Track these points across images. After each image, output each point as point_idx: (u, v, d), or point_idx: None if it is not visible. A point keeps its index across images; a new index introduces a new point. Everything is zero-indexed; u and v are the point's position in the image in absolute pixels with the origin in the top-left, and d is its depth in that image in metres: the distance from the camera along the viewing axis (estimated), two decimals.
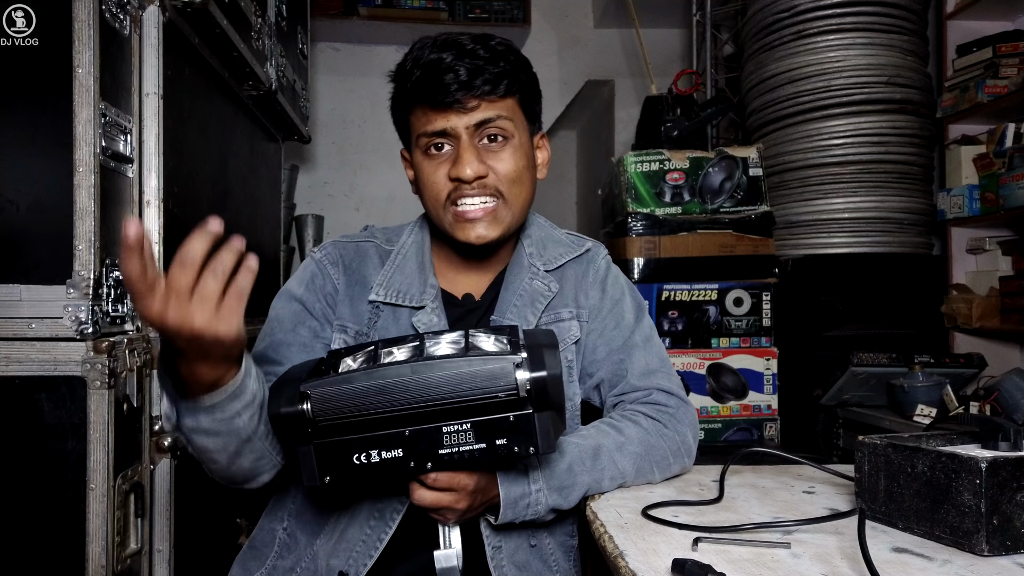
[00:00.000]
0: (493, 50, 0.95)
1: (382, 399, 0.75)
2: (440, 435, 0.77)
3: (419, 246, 1.08)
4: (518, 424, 0.76)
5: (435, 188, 0.98)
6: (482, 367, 0.75)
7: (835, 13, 2.48)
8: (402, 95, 0.99)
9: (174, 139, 1.46)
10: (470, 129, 0.95)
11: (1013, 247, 2.47)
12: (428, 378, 0.75)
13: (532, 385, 0.75)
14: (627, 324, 1.09)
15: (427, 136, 0.96)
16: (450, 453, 0.77)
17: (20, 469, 1.15)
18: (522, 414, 0.76)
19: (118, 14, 1.26)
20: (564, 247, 1.11)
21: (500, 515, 0.88)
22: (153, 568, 1.35)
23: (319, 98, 3.85)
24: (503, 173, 0.97)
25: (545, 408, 0.76)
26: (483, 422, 0.76)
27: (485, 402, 0.75)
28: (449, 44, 0.93)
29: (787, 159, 2.56)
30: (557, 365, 0.76)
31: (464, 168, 0.94)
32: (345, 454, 0.76)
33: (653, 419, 1.01)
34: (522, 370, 0.75)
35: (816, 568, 0.68)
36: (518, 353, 0.76)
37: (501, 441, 0.77)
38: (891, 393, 2.16)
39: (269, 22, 2.11)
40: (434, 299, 1.02)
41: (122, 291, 1.26)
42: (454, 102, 0.93)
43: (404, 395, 0.75)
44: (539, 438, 0.77)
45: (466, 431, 0.76)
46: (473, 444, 0.77)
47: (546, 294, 1.05)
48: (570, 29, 4.17)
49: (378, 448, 0.76)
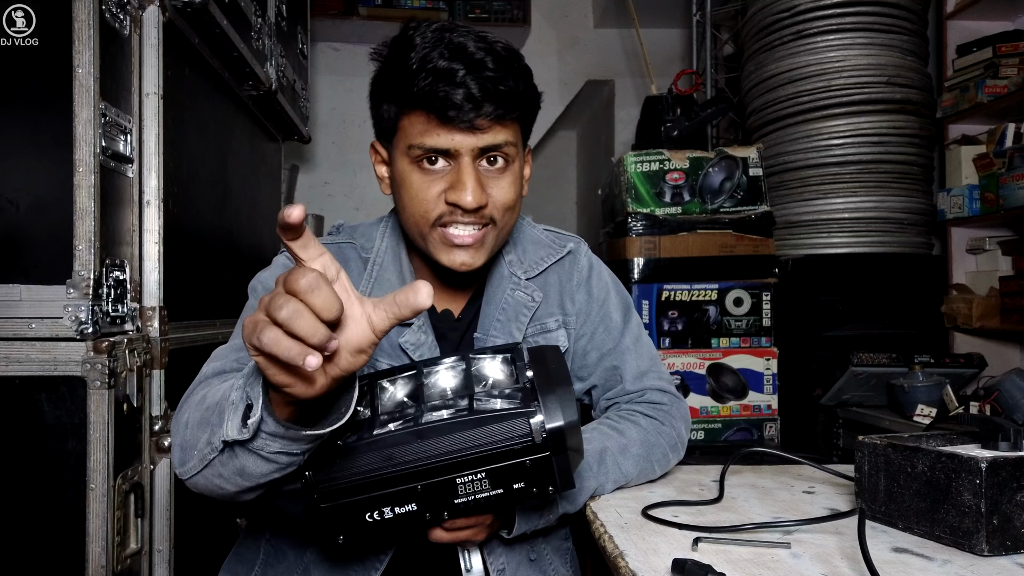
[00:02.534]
0: (503, 62, 0.86)
1: (389, 465, 0.71)
2: (454, 486, 0.73)
3: (395, 254, 1.01)
4: (536, 468, 0.73)
5: (424, 206, 0.88)
6: (496, 426, 0.71)
7: (835, 13, 2.48)
8: (397, 91, 0.87)
9: (174, 139, 1.46)
10: (473, 152, 0.86)
11: (1013, 247, 2.47)
12: (439, 445, 0.71)
13: (549, 434, 0.71)
14: (616, 326, 1.07)
15: (423, 149, 0.86)
16: (466, 502, 0.74)
17: (20, 469, 1.15)
18: (539, 457, 0.72)
19: (118, 14, 1.26)
20: (545, 249, 1.06)
21: (515, 528, 0.87)
22: (153, 568, 1.35)
23: (319, 98, 3.85)
24: (500, 201, 0.90)
25: (563, 450, 0.73)
26: (498, 469, 0.72)
27: (501, 453, 0.72)
28: (458, 53, 0.83)
29: (787, 159, 2.56)
30: (574, 409, 0.72)
31: (466, 196, 0.86)
32: (357, 514, 0.73)
33: (650, 418, 1.02)
34: (537, 418, 0.71)
35: (816, 568, 0.68)
36: (531, 403, 0.72)
37: (518, 485, 0.73)
38: (891, 393, 2.16)
39: (269, 22, 2.11)
40: (421, 317, 0.96)
41: (122, 291, 1.26)
42: (463, 121, 0.84)
43: (412, 459, 0.71)
44: (558, 477, 0.74)
45: (481, 479, 0.73)
46: (489, 491, 0.73)
47: (530, 305, 1.00)
48: (570, 29, 4.17)
49: (390, 505, 0.73)
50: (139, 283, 1.36)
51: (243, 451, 0.68)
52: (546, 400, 0.72)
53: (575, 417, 0.72)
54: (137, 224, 1.35)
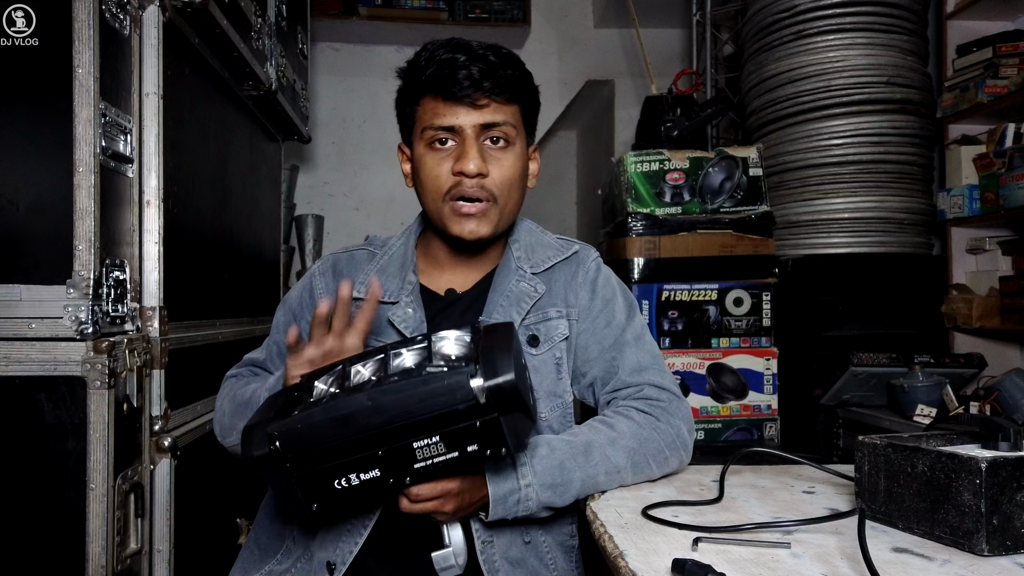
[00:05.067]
0: (502, 57, 1.01)
1: (347, 429, 0.76)
2: (412, 451, 0.78)
3: (404, 249, 1.13)
4: (486, 429, 0.77)
5: (437, 181, 1.01)
6: (438, 385, 0.76)
7: (835, 13, 2.48)
8: (412, 87, 1.03)
9: (174, 139, 1.46)
10: (476, 128, 0.99)
11: (1013, 247, 2.47)
12: (387, 404, 0.76)
13: (489, 393, 0.75)
14: (618, 323, 1.10)
15: (433, 129, 1.00)
16: (425, 466, 0.79)
17: (20, 469, 1.15)
18: (488, 419, 0.77)
19: (118, 14, 1.26)
20: (553, 250, 1.13)
21: (491, 512, 0.90)
22: (153, 568, 1.35)
23: (319, 98, 3.85)
24: (500, 177, 1.02)
25: (510, 410, 0.77)
26: (451, 432, 0.77)
27: (448, 414, 0.76)
28: (461, 47, 0.99)
29: (787, 159, 2.56)
30: (510, 367, 0.76)
31: (468, 163, 0.98)
32: (326, 481, 0.79)
33: (645, 413, 1.02)
34: (477, 379, 0.76)
35: (816, 568, 0.68)
36: (471, 363, 0.77)
37: (472, 447, 0.78)
38: (891, 393, 2.16)
39: (269, 22, 2.11)
40: (410, 294, 1.06)
41: (122, 291, 1.26)
42: (465, 96, 0.97)
43: (368, 422, 0.76)
44: (508, 438, 0.79)
45: (436, 443, 0.78)
46: (446, 454, 0.78)
47: (532, 295, 1.07)
48: (570, 29, 4.17)
49: (355, 471, 0.78)
50: (139, 283, 1.36)
51: None
52: (485, 361, 0.77)
53: (511, 376, 0.75)
54: (137, 224, 1.35)
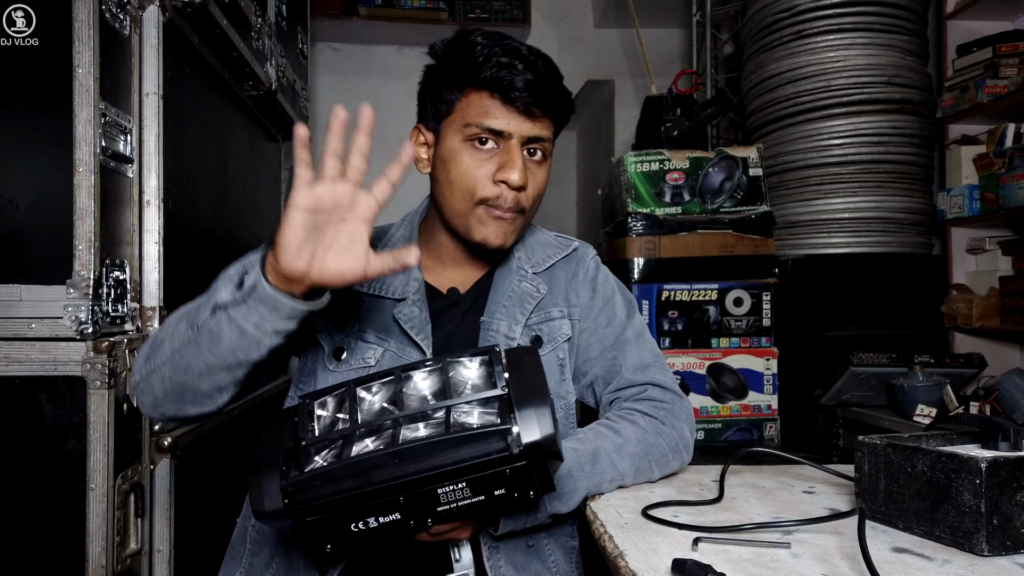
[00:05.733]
0: (550, 67, 0.99)
1: (368, 483, 0.72)
2: (436, 496, 0.74)
3: (407, 241, 1.09)
4: (515, 475, 0.74)
5: (473, 183, 0.97)
6: (474, 446, 0.72)
7: (835, 13, 2.48)
8: (460, 75, 0.97)
9: (174, 139, 1.46)
10: (522, 138, 0.97)
11: (1013, 247, 2.47)
12: (415, 464, 0.72)
13: (526, 448, 0.73)
14: (619, 321, 1.10)
15: (480, 129, 0.96)
16: (449, 509, 0.75)
17: (20, 469, 1.15)
18: (518, 466, 0.74)
19: (118, 14, 1.26)
20: (552, 248, 1.13)
21: (500, 526, 0.89)
22: (153, 568, 1.35)
23: (319, 98, 3.85)
24: (534, 192, 1.01)
25: (541, 460, 0.74)
26: (479, 478, 0.74)
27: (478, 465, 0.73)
28: (514, 54, 0.96)
29: (787, 159, 2.56)
30: (549, 422, 0.73)
31: (514, 173, 0.96)
32: (342, 525, 0.75)
33: (650, 416, 1.02)
34: (514, 434, 0.73)
35: (816, 568, 0.68)
36: (507, 418, 0.74)
37: (499, 492, 0.75)
38: (891, 393, 2.16)
39: (269, 22, 2.11)
40: (416, 291, 1.04)
41: (122, 291, 1.26)
42: (521, 103, 0.95)
43: (391, 478, 0.72)
44: (538, 483, 0.76)
45: (462, 488, 0.74)
46: (471, 498, 0.75)
47: (535, 295, 1.06)
48: (570, 29, 4.17)
49: (374, 515, 0.74)
50: (139, 283, 1.36)
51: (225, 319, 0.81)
52: (522, 413, 0.73)
53: (551, 430, 0.73)
54: (137, 224, 1.35)
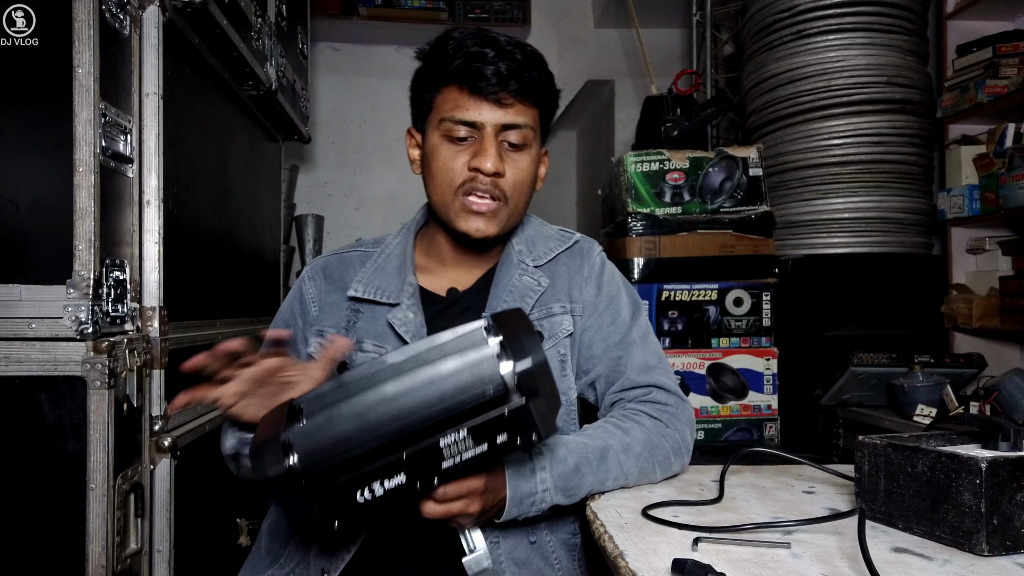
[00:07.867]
0: (529, 56, 0.99)
1: (369, 426, 0.70)
2: (439, 450, 0.72)
3: (403, 246, 1.10)
4: (514, 417, 0.72)
5: (450, 174, 0.99)
6: (461, 360, 0.71)
7: (835, 13, 2.48)
8: (435, 73, 1.00)
9: (174, 139, 1.46)
10: (496, 127, 0.98)
11: (1013, 247, 2.47)
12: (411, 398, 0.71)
13: (520, 378, 0.71)
14: (624, 320, 1.09)
15: (453, 122, 0.98)
16: (453, 464, 0.73)
17: (20, 469, 1.15)
18: (516, 406, 0.72)
19: (118, 14, 1.26)
20: (554, 241, 1.12)
21: (505, 512, 0.88)
22: (153, 568, 1.35)
23: (319, 98, 3.85)
24: (513, 179, 1.00)
25: (538, 393, 0.72)
26: (479, 424, 0.72)
27: (477, 405, 0.72)
28: (489, 40, 0.97)
29: (787, 159, 2.56)
30: (539, 348, 0.72)
31: (486, 161, 0.97)
32: (348, 495, 0.72)
33: (655, 419, 1.02)
34: (504, 361, 0.71)
35: (816, 568, 0.68)
36: (495, 337, 0.72)
37: (502, 438, 0.73)
38: (891, 393, 2.16)
39: (269, 22, 2.11)
40: (410, 296, 1.04)
41: (122, 291, 1.26)
42: (491, 93, 0.96)
43: (392, 412, 0.71)
44: (538, 424, 0.73)
45: (464, 439, 0.72)
46: (474, 449, 0.73)
47: (536, 289, 1.06)
48: (570, 29, 4.17)
49: (379, 479, 0.72)
50: (139, 283, 1.36)
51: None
52: (512, 344, 0.72)
53: (542, 357, 0.72)
54: (137, 224, 1.35)
